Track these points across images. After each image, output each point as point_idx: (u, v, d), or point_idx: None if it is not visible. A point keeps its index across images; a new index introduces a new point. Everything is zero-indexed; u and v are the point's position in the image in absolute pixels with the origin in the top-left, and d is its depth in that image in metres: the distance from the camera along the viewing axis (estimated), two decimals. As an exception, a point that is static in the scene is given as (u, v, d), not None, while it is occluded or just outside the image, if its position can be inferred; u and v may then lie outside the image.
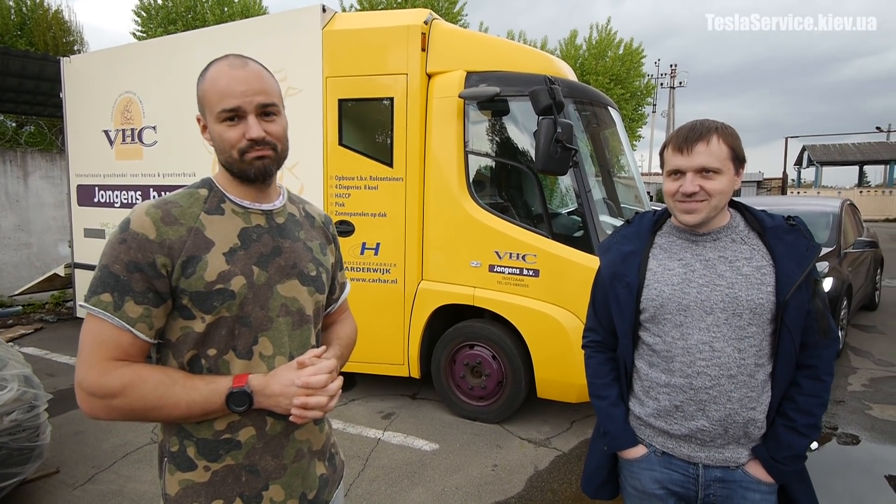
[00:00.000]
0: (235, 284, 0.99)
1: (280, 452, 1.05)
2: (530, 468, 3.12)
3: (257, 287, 1.02)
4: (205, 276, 0.97)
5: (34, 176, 7.77)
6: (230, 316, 0.99)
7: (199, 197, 1.04)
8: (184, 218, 0.99)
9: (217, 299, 0.98)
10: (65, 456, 3.20)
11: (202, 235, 0.99)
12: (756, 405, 1.23)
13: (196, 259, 0.97)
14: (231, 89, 0.98)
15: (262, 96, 1.00)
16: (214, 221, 1.01)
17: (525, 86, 3.37)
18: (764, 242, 1.27)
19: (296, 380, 0.97)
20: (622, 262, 1.37)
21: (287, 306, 1.06)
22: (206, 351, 1.00)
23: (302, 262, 1.10)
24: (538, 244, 3.42)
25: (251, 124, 0.99)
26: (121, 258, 0.94)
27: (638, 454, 1.36)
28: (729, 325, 1.23)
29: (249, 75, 1.00)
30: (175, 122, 4.53)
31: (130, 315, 0.94)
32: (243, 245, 1.02)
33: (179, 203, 1.01)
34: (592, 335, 1.48)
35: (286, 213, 1.13)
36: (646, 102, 25.24)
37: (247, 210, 1.06)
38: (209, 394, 0.95)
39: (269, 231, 1.07)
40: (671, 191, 1.26)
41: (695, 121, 1.27)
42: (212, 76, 1.00)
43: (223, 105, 0.98)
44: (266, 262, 1.04)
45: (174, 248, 0.96)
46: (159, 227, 0.96)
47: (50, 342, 5.70)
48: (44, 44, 14.72)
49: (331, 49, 3.77)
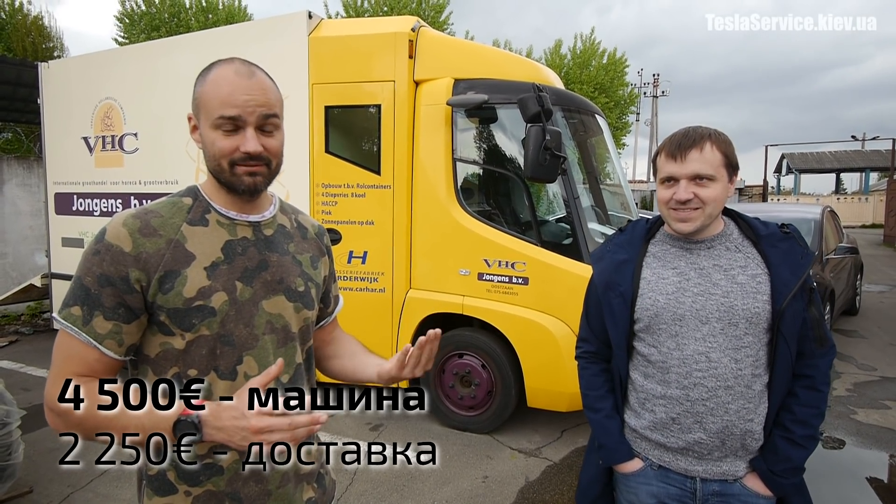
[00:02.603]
0: (216, 301, 0.93)
1: (264, 478, 1.00)
2: (521, 479, 3.08)
3: (240, 303, 0.96)
4: (183, 293, 0.91)
5: (10, 184, 7.57)
6: (211, 334, 0.93)
7: (182, 206, 0.98)
8: (164, 229, 0.93)
9: (196, 316, 0.92)
10: (39, 475, 3.07)
11: (182, 248, 0.93)
12: (753, 416, 1.21)
13: (174, 274, 0.91)
14: (233, 97, 0.92)
15: (264, 108, 0.94)
16: (197, 233, 0.96)
17: (513, 93, 3.36)
18: (758, 250, 1.26)
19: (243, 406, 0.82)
20: (615, 270, 1.35)
21: (272, 323, 1.00)
22: (186, 370, 0.94)
23: (289, 277, 1.04)
24: (527, 252, 3.40)
25: (249, 137, 0.93)
26: (93, 270, 0.89)
27: (634, 468, 1.33)
28: (725, 334, 1.21)
29: (254, 85, 0.94)
30: (157, 129, 4.44)
31: (98, 331, 0.88)
32: (227, 259, 0.96)
33: (161, 213, 0.95)
34: (586, 346, 1.45)
35: (276, 224, 1.07)
36: (629, 111, 25.60)
37: (233, 221, 1.00)
38: (158, 419, 0.84)
39: (256, 244, 1.01)
40: (665, 198, 1.25)
41: (688, 127, 1.25)
42: (215, 79, 0.94)
43: (222, 112, 0.92)
44: (251, 278, 0.98)
45: (150, 261, 0.90)
46: (136, 238, 0.90)
47: (25, 355, 5.52)
48: (22, 49, 14.43)
49: (317, 56, 3.73)
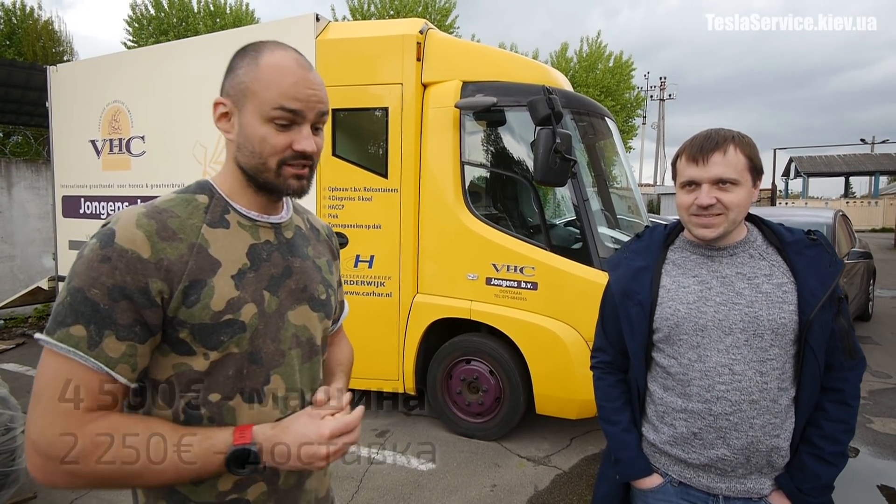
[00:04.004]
0: (246, 314, 0.83)
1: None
2: (530, 488, 3.02)
3: (268, 316, 0.86)
4: (211, 305, 0.80)
5: (19, 186, 7.61)
6: (240, 352, 0.83)
7: (198, 205, 0.85)
8: (184, 232, 0.81)
9: (225, 333, 0.81)
10: (43, 480, 3.05)
11: (206, 254, 0.81)
12: (780, 432, 1.16)
13: (200, 283, 0.79)
14: (297, 90, 0.83)
15: (322, 105, 0.87)
16: (219, 237, 0.84)
17: (522, 96, 3.32)
18: (783, 258, 1.21)
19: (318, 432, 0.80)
20: (633, 278, 1.30)
21: (298, 336, 0.91)
22: (207, 396, 0.81)
23: (313, 285, 0.95)
24: (536, 256, 3.35)
25: (306, 135, 0.85)
26: (102, 281, 0.74)
27: (653, 484, 1.27)
28: (749, 346, 1.16)
29: (316, 80, 0.87)
30: (165, 132, 4.43)
31: (110, 354, 0.74)
32: (253, 266, 0.86)
33: (176, 213, 0.82)
34: (602, 355, 1.40)
35: (293, 225, 0.97)
36: (636, 114, 25.52)
37: (255, 223, 0.89)
38: (204, 454, 0.76)
39: (279, 248, 0.91)
40: (685, 203, 1.20)
41: (709, 129, 1.21)
42: (274, 65, 0.84)
43: (284, 103, 0.82)
44: (277, 286, 0.89)
45: (173, 270, 0.77)
46: (154, 243, 0.77)
47: (32, 358, 5.51)
48: (33, 53, 14.59)
49: (324, 58, 3.70)
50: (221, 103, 0.88)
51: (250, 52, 0.88)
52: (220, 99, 0.88)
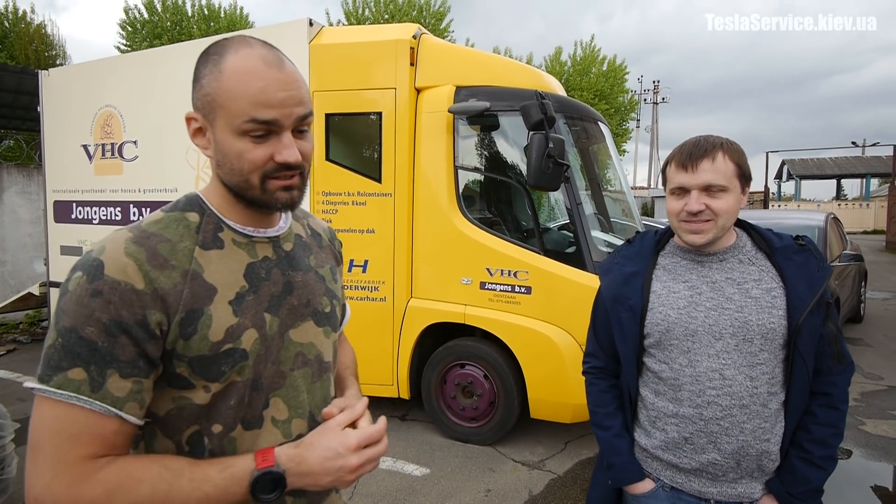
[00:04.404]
0: (247, 341, 0.77)
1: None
2: (525, 493, 3.02)
3: (269, 339, 0.80)
4: (209, 336, 0.74)
5: (10, 191, 7.55)
6: (242, 381, 0.77)
7: (189, 225, 0.78)
8: (175, 257, 0.74)
9: (226, 363, 0.75)
10: (33, 488, 3.02)
11: (201, 280, 0.75)
12: (770, 436, 1.16)
13: (197, 313, 0.73)
14: (267, 95, 0.73)
15: (302, 107, 0.76)
16: (213, 259, 0.77)
17: (515, 101, 3.34)
18: (772, 263, 1.22)
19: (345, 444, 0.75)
20: (624, 283, 1.31)
21: (304, 355, 0.85)
22: (209, 427, 0.77)
23: (316, 298, 0.88)
24: (530, 260, 3.36)
25: (286, 143, 0.75)
26: (96, 317, 0.68)
27: (645, 489, 1.28)
28: (739, 351, 1.16)
29: (289, 79, 0.75)
30: (157, 137, 4.42)
31: (116, 394, 0.68)
32: (252, 287, 0.79)
33: (166, 236, 0.75)
34: (593, 360, 1.41)
35: (293, 235, 0.90)
36: (630, 118, 25.68)
37: (251, 239, 0.82)
38: (227, 484, 0.71)
39: (279, 263, 0.84)
40: (675, 210, 1.21)
41: (698, 136, 1.22)
42: (237, 70, 0.73)
43: (257, 115, 0.73)
44: (278, 305, 0.82)
45: (168, 300, 0.71)
46: (147, 271, 0.71)
47: (23, 364, 5.46)
48: (25, 57, 14.51)
49: (318, 63, 3.71)
50: (193, 118, 0.81)
51: (212, 56, 0.77)
52: (190, 113, 0.81)
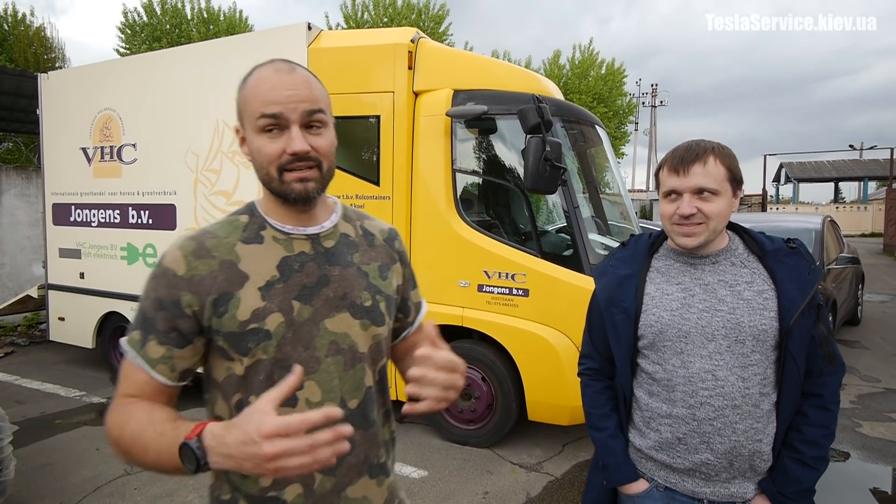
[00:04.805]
0: (271, 323, 0.87)
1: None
2: (522, 495, 3.03)
3: (298, 324, 0.89)
4: (237, 315, 0.87)
5: (9, 194, 7.55)
6: (268, 358, 0.88)
7: (238, 225, 0.94)
8: (217, 250, 0.90)
9: (251, 340, 0.87)
10: (31, 491, 3.02)
11: (236, 269, 0.89)
12: (762, 437, 1.18)
13: (228, 296, 0.87)
14: (274, 94, 0.86)
15: (308, 103, 0.87)
16: (251, 251, 0.91)
17: (513, 104, 3.36)
18: (764, 266, 1.23)
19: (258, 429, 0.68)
20: (618, 286, 1.32)
21: (337, 343, 0.92)
22: (248, 397, 0.88)
23: (354, 292, 0.96)
24: (528, 263, 3.37)
25: (294, 136, 0.86)
26: (150, 295, 0.88)
27: (639, 489, 1.29)
28: (731, 352, 1.18)
29: (296, 80, 0.88)
30: (156, 140, 4.43)
31: (151, 355, 0.87)
32: (282, 277, 0.90)
33: (216, 233, 0.92)
34: (589, 362, 1.42)
35: (338, 234, 0.99)
36: (628, 121, 25.75)
37: (289, 236, 0.94)
38: (169, 444, 0.77)
39: (316, 258, 0.94)
40: (668, 213, 1.22)
41: (690, 141, 1.23)
42: (254, 81, 0.89)
43: (264, 109, 0.85)
44: (310, 295, 0.91)
45: (202, 284, 0.87)
46: (190, 261, 0.88)
47: (20, 366, 5.46)
48: (24, 60, 14.52)
49: (316, 67, 3.72)
50: (237, 129, 0.95)
51: (245, 77, 0.92)
52: (235, 126, 0.95)
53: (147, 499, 2.95)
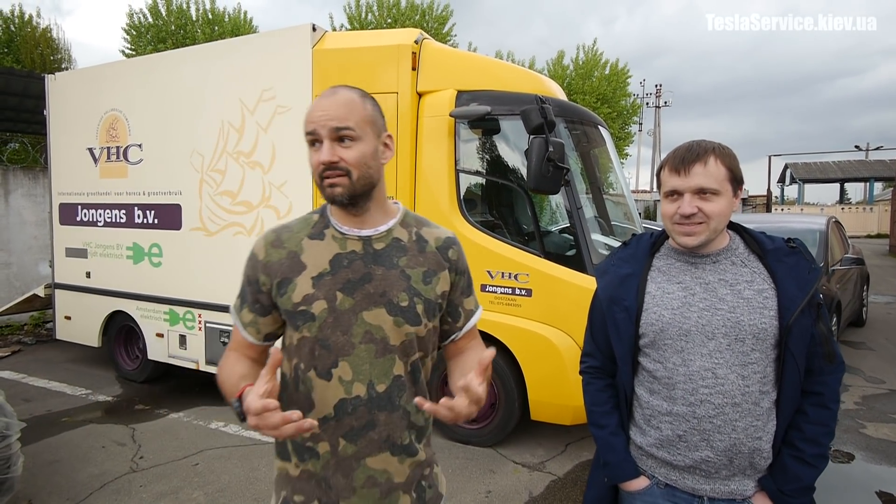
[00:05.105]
0: (316, 308, 1.04)
1: (350, 475, 1.06)
2: (525, 494, 3.04)
3: (339, 312, 1.04)
4: (292, 297, 1.05)
5: (16, 194, 7.61)
6: (311, 336, 1.05)
7: (310, 222, 1.12)
8: (289, 242, 1.10)
9: (300, 319, 1.05)
10: (38, 487, 3.05)
11: (298, 259, 1.07)
12: (762, 434, 1.19)
13: (288, 281, 1.06)
14: (312, 115, 1.03)
15: (336, 121, 1.01)
16: (313, 246, 1.09)
17: (516, 105, 3.37)
18: (764, 265, 1.24)
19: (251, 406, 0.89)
20: (620, 284, 1.33)
21: (371, 333, 1.05)
22: (299, 363, 1.08)
23: (392, 291, 1.07)
24: (530, 263, 3.39)
25: (323, 149, 1.02)
26: (245, 272, 1.12)
27: (640, 486, 1.30)
28: (731, 350, 1.19)
29: (332, 102, 1.03)
30: (162, 141, 4.47)
31: (244, 320, 1.12)
32: (332, 270, 1.06)
33: (292, 228, 1.12)
34: (590, 360, 1.43)
35: (390, 237, 1.11)
36: (632, 121, 25.69)
37: (344, 236, 1.09)
38: (230, 395, 1.03)
39: (363, 258, 1.08)
40: (669, 213, 1.23)
41: (691, 141, 1.24)
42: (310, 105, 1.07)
43: (306, 128, 1.04)
44: (353, 289, 1.06)
45: (272, 269, 1.08)
46: (268, 249, 1.10)
47: (27, 365, 5.51)
48: (31, 61, 14.63)
49: (321, 68, 3.75)
50: None
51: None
52: None
53: (152, 496, 2.97)
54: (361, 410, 1.04)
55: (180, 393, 4.71)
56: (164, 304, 4.50)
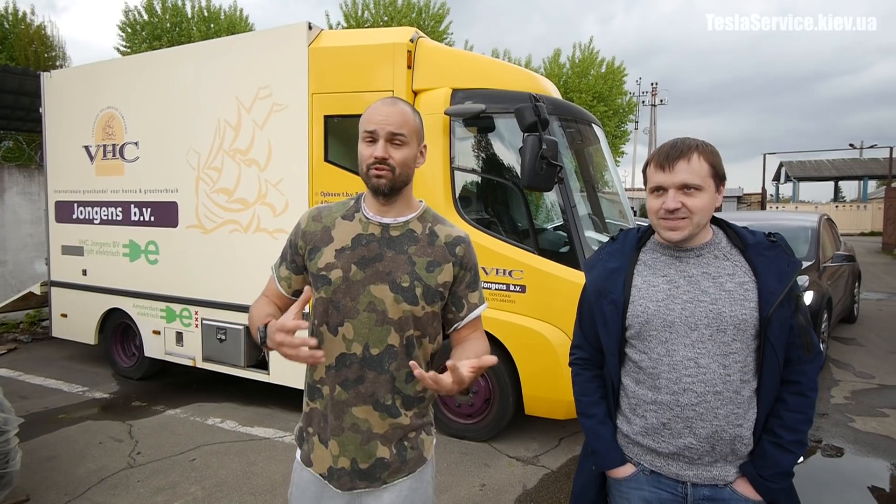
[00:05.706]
0: (334, 275, 1.25)
1: (341, 417, 1.27)
2: (518, 487, 3.08)
3: (351, 282, 1.25)
4: (318, 263, 1.28)
5: (11, 192, 7.60)
6: (326, 297, 1.26)
7: (346, 206, 1.35)
8: (326, 219, 1.33)
9: (321, 282, 1.27)
10: (36, 483, 3.07)
11: (329, 233, 1.30)
12: (742, 422, 1.23)
13: (317, 249, 1.29)
14: (373, 117, 1.23)
15: (393, 127, 1.22)
16: (343, 225, 1.30)
17: (510, 103, 3.40)
18: (746, 258, 1.28)
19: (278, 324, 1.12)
20: (607, 278, 1.37)
21: (374, 304, 1.24)
22: (317, 318, 1.29)
23: (398, 273, 1.26)
24: (524, 260, 3.43)
25: (379, 146, 1.22)
26: (289, 236, 1.37)
27: (626, 473, 1.34)
28: (713, 341, 1.23)
29: (392, 110, 1.24)
30: (158, 138, 4.48)
31: (280, 274, 1.38)
32: (352, 247, 1.27)
33: (332, 208, 1.35)
34: (579, 352, 1.47)
35: (406, 228, 1.30)
36: (628, 119, 25.77)
37: (368, 221, 1.29)
38: (257, 323, 1.28)
39: (379, 241, 1.28)
40: (654, 208, 1.27)
41: (676, 139, 1.28)
42: (369, 108, 1.27)
43: (365, 127, 1.24)
44: (365, 265, 1.25)
45: (308, 237, 1.32)
46: (309, 221, 1.34)
47: (23, 363, 5.52)
48: (25, 58, 14.56)
49: (317, 66, 3.77)
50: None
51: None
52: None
53: (150, 490, 3.00)
54: (355, 366, 1.25)
55: (177, 389, 4.73)
56: (161, 302, 4.53)
